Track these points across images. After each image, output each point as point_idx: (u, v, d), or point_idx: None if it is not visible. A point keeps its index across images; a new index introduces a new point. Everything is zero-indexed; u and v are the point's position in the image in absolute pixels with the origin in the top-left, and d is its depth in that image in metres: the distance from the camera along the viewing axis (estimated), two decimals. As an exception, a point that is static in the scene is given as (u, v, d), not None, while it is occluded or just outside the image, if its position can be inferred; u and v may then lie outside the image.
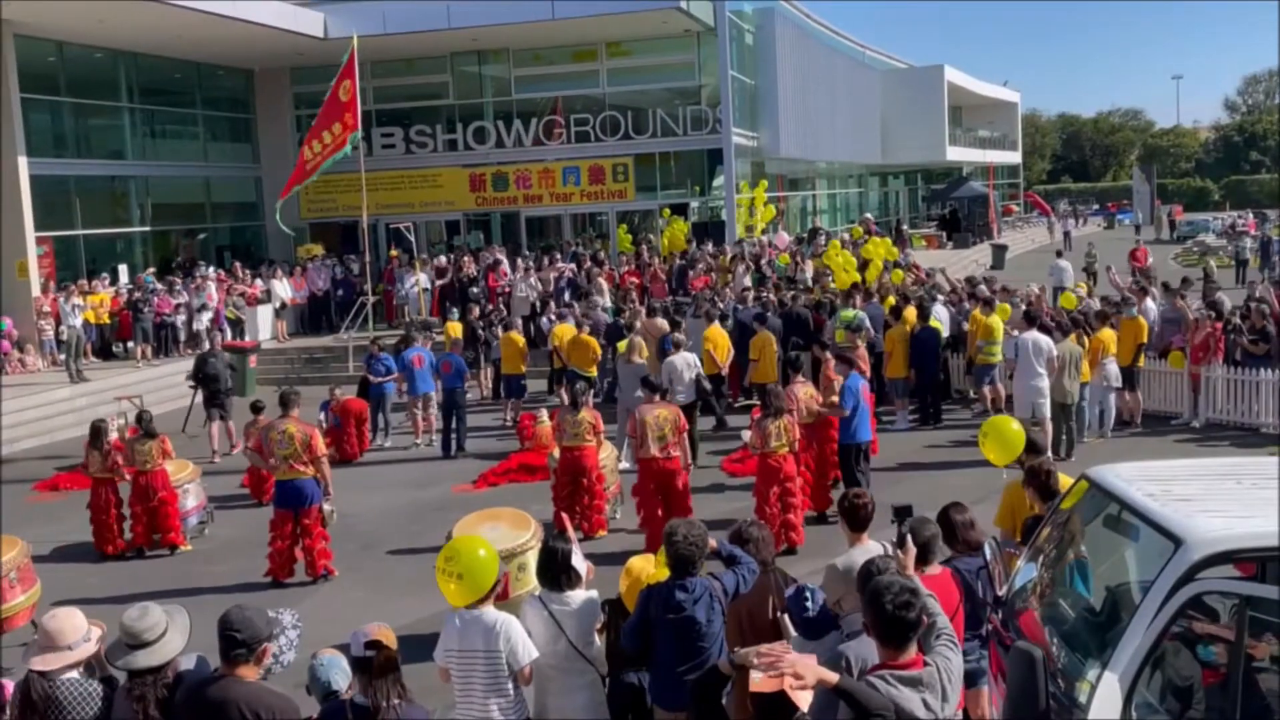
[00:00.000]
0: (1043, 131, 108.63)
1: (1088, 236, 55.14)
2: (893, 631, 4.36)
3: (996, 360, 17.01)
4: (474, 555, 5.89)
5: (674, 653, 6.05)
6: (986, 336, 17.09)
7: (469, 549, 5.93)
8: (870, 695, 4.22)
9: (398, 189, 32.58)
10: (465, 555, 5.88)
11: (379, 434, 18.16)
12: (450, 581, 5.86)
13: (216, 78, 33.00)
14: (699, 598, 6.03)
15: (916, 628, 4.39)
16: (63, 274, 26.14)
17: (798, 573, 7.52)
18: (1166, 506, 5.09)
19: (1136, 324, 16.65)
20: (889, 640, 4.39)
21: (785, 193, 40.86)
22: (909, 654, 4.38)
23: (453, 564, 5.85)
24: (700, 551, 6.09)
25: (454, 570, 5.83)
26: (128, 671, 5.32)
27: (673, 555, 6.08)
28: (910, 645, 4.39)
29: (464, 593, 5.88)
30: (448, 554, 5.91)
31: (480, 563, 5.89)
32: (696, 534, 6.12)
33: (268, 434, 11.74)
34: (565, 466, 12.50)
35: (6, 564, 10.09)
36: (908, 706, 4.22)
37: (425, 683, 6.34)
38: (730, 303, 20.07)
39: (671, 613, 6.01)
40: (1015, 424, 8.51)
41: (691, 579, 6.07)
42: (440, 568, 5.90)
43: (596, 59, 32.55)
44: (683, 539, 6.06)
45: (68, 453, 18.43)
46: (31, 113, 25.14)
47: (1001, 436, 8.27)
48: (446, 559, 5.89)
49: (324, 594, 11.35)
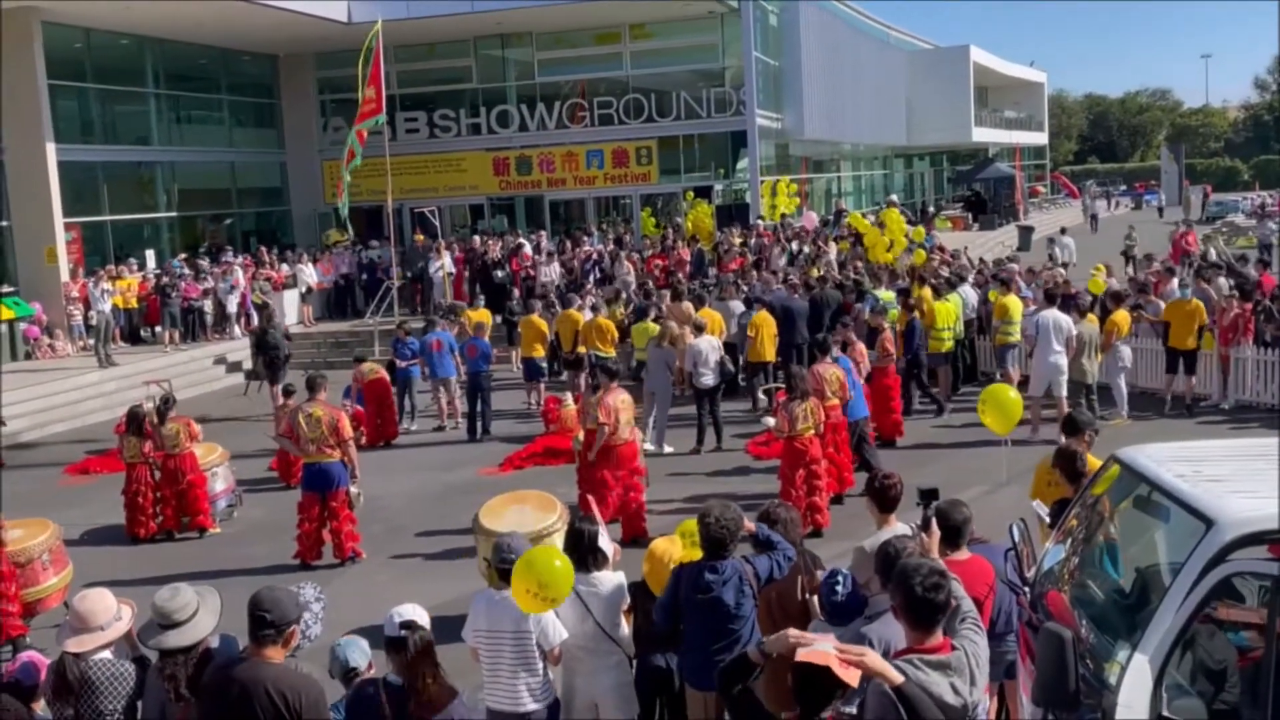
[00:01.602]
0: (1069, 112, 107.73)
1: (1125, 219, 54.60)
2: (922, 614, 4.31)
3: (1014, 340, 17.00)
4: (552, 570, 5.61)
5: (704, 633, 6.06)
6: (1003, 316, 17.09)
7: (546, 567, 5.63)
8: (928, 706, 4.18)
9: (422, 173, 32.66)
10: (546, 574, 5.59)
11: (405, 417, 18.23)
12: (541, 604, 5.67)
13: (241, 63, 33.09)
14: (728, 579, 6.02)
15: (944, 610, 4.35)
16: (91, 260, 26.30)
17: (825, 555, 7.51)
18: (1197, 487, 5.04)
19: (1194, 306, 16.43)
20: (918, 623, 4.34)
21: (810, 175, 40.69)
22: (936, 638, 4.34)
23: (547, 590, 5.57)
24: (732, 535, 6.07)
25: (548, 596, 5.60)
26: (159, 651, 5.37)
27: (705, 537, 6.08)
28: (938, 629, 4.35)
29: (546, 604, 5.73)
30: (534, 585, 5.55)
31: (560, 574, 5.64)
32: (730, 517, 6.10)
33: (295, 417, 11.82)
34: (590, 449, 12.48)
35: (39, 546, 10.18)
36: (936, 691, 4.17)
37: (452, 663, 6.37)
38: (758, 286, 20.02)
39: (700, 593, 6.02)
40: (1013, 392, 8.47)
41: (722, 561, 6.06)
42: (534, 593, 5.58)
43: (620, 41, 32.44)
44: (715, 521, 6.05)
45: (98, 436, 18.59)
46: (59, 100, 25.30)
47: (1000, 405, 8.25)
48: (541, 586, 5.55)
49: (351, 576, 11.42)
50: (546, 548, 6.09)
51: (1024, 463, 12.68)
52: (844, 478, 12.88)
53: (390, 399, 17.57)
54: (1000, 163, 58.23)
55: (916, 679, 4.14)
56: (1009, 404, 8.10)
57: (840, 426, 13.03)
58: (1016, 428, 11.35)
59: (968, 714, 4.24)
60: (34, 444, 19.07)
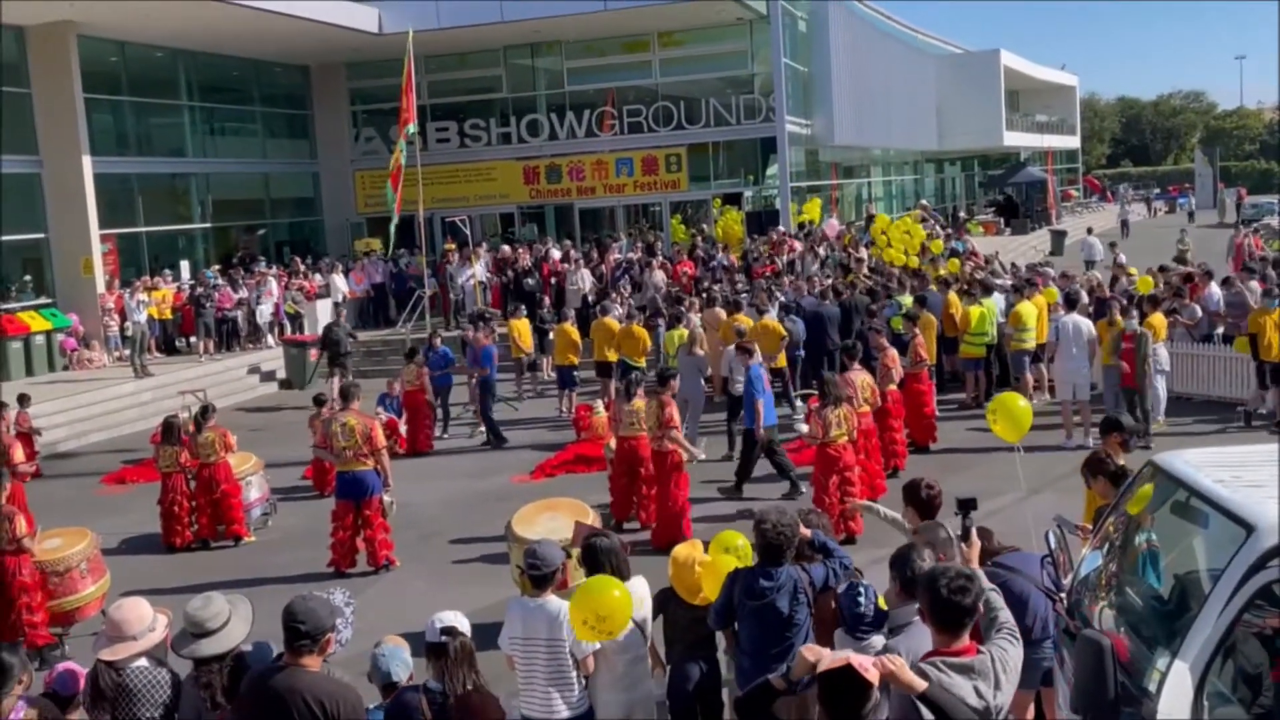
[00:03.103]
0: (1101, 115, 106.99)
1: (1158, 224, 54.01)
2: (947, 617, 4.33)
3: (1029, 346, 17.02)
4: (610, 601, 5.49)
5: (757, 639, 6.02)
6: (1017, 323, 17.10)
7: (604, 598, 5.49)
8: (957, 707, 4.17)
9: (452, 183, 32.80)
10: (604, 606, 5.48)
11: (437, 425, 18.27)
12: (598, 635, 5.58)
13: (274, 74, 33.35)
14: (782, 586, 5.99)
15: (971, 614, 4.35)
16: (126, 271, 26.55)
17: (858, 561, 7.47)
18: (1237, 493, 4.97)
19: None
20: (944, 626, 4.36)
21: (840, 180, 40.60)
22: (962, 641, 4.35)
23: (604, 623, 5.47)
24: (789, 541, 6.04)
25: (605, 629, 5.50)
26: (193, 660, 5.41)
27: (761, 543, 6.05)
28: (964, 633, 4.36)
29: (604, 636, 5.62)
30: (592, 617, 5.45)
31: (618, 605, 5.52)
32: (787, 522, 6.08)
33: (329, 427, 11.89)
34: (621, 456, 12.52)
35: (77, 555, 10.30)
36: (959, 693, 4.19)
37: (488, 670, 6.37)
38: (789, 293, 19.98)
39: (753, 599, 5.99)
40: (1023, 401, 8.42)
41: (778, 568, 6.03)
42: (591, 625, 5.47)
43: (649, 49, 32.48)
44: (772, 527, 6.03)
45: (134, 446, 18.76)
46: (95, 112, 25.53)
47: (1010, 414, 8.20)
48: (599, 619, 5.45)
49: (386, 583, 11.47)
50: (604, 578, 5.86)
51: (1056, 469, 12.66)
52: (876, 484, 12.85)
53: (425, 411, 17.58)
54: (1032, 167, 57.88)
55: (939, 680, 4.16)
56: (1019, 412, 8.04)
57: (871, 433, 13.00)
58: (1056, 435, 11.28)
59: (991, 717, 4.25)
60: (72, 454, 19.27)
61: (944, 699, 4.21)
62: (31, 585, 9.84)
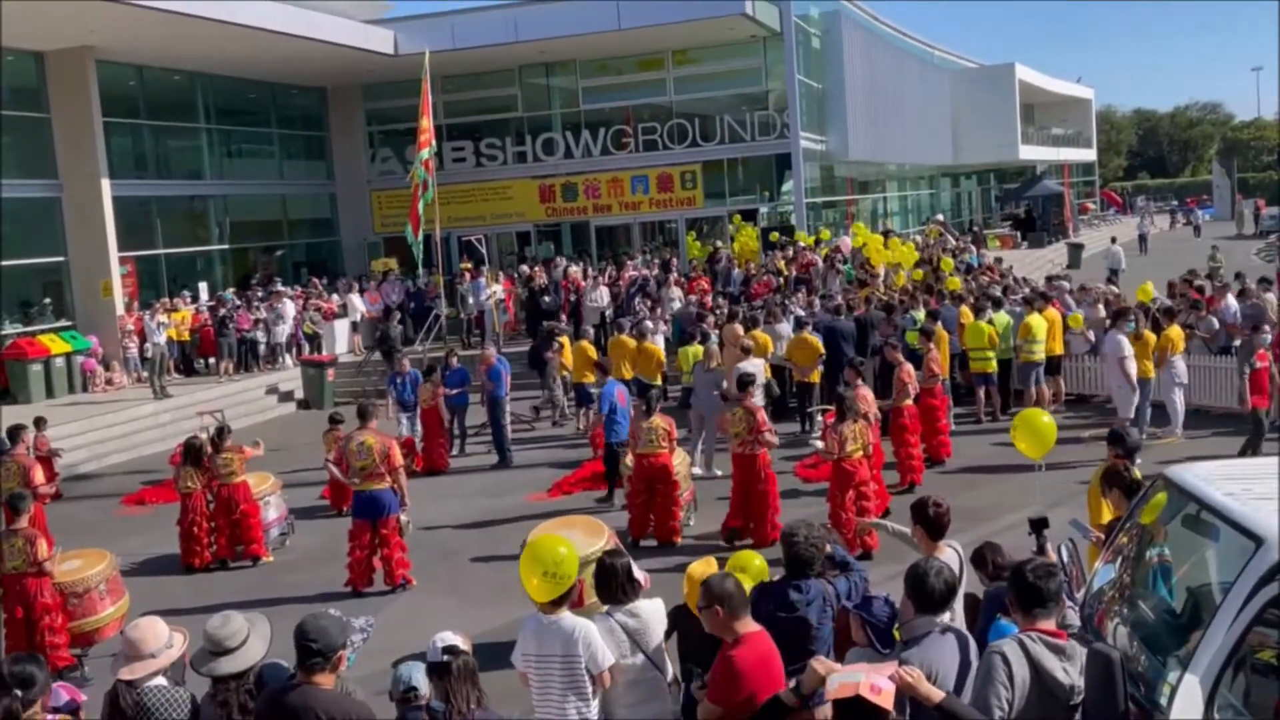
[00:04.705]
0: (1118, 128, 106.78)
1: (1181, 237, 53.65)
2: (1032, 597, 4.75)
3: (1038, 358, 17.12)
4: (557, 554, 5.93)
5: (783, 652, 6.03)
6: (1026, 335, 17.11)
7: (550, 553, 5.94)
8: (972, 714, 4.24)
9: (469, 202, 32.98)
10: (551, 559, 5.93)
11: (454, 443, 18.31)
12: (557, 585, 5.92)
13: (290, 96, 33.60)
14: (812, 600, 6.02)
15: (1056, 598, 4.81)
16: (145, 293, 26.73)
17: (874, 577, 7.49)
18: (1247, 505, 4.99)
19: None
20: (1029, 606, 4.77)
21: (855, 195, 40.60)
22: (1050, 623, 4.78)
23: (561, 567, 5.90)
24: (819, 554, 6.10)
25: (563, 573, 5.90)
26: (212, 678, 5.45)
27: (791, 556, 6.09)
28: (1049, 614, 4.79)
29: (556, 589, 5.95)
30: (549, 567, 5.90)
31: (569, 554, 5.96)
32: (817, 536, 6.13)
33: (346, 445, 11.92)
34: (639, 474, 12.54)
35: (96, 576, 10.38)
36: (1048, 667, 4.61)
37: (503, 689, 6.40)
38: (803, 309, 20.00)
39: (784, 612, 6.00)
40: (1046, 417, 8.42)
41: (807, 581, 6.06)
42: (551, 574, 5.91)
43: (663, 67, 32.61)
44: (803, 540, 6.07)
45: (153, 467, 18.86)
46: (113, 135, 25.77)
47: (1033, 430, 8.20)
48: (555, 563, 5.90)
49: (403, 603, 11.49)
50: (542, 538, 6.33)
51: (1073, 484, 12.61)
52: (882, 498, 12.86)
53: (441, 429, 17.64)
54: (1048, 180, 57.77)
55: (1035, 652, 4.64)
56: (1043, 429, 8.04)
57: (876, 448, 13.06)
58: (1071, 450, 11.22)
59: (1074, 695, 4.66)
60: (92, 475, 19.38)
61: (961, 710, 4.24)
62: (54, 606, 9.92)
